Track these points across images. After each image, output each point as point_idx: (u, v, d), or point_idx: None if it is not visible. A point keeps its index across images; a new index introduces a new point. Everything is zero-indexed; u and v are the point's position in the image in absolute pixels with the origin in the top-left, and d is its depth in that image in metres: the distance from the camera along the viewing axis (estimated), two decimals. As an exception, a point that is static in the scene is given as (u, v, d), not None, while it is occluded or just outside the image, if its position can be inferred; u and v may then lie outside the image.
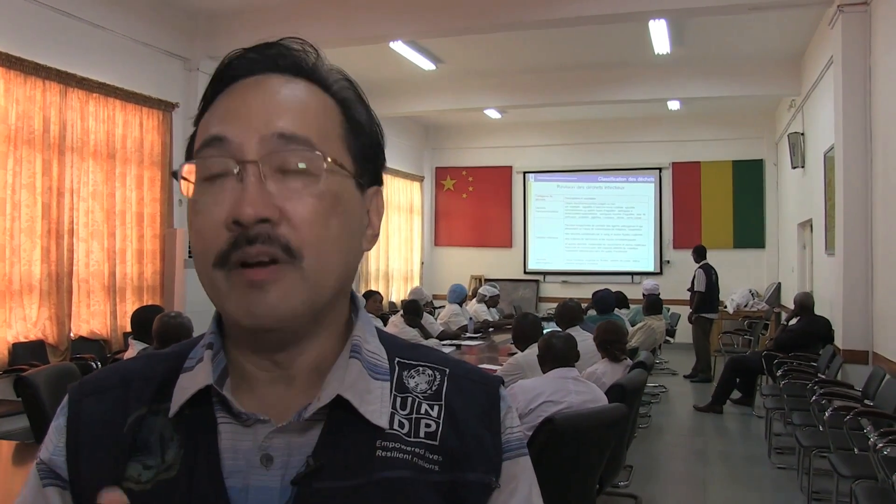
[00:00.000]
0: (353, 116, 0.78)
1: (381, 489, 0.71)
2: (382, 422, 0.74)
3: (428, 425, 0.76)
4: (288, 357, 0.75)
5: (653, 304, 8.24)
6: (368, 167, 0.78)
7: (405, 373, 0.79)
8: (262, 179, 0.69)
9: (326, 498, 0.70)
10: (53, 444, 0.77)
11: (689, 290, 9.83)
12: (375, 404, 0.74)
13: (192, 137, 0.76)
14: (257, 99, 0.72)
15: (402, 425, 0.75)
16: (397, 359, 0.80)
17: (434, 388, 0.79)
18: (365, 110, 0.79)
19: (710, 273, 9.52)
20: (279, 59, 0.76)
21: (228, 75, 0.75)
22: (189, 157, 0.76)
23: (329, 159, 0.72)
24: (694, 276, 9.63)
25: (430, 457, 0.74)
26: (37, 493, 0.76)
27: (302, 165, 0.70)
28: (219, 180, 0.70)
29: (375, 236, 0.80)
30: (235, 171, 0.69)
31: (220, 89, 0.75)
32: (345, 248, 0.74)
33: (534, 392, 3.52)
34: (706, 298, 9.46)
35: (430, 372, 0.80)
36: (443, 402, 0.78)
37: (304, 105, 0.74)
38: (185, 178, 0.72)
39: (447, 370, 0.81)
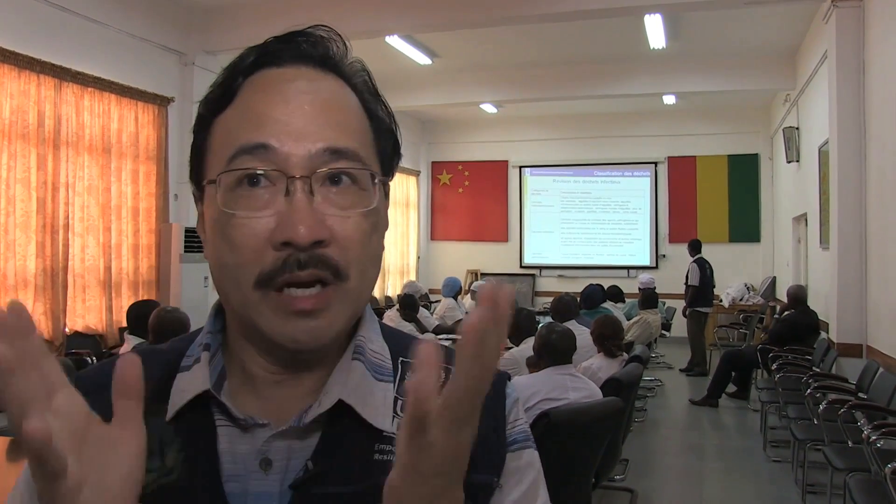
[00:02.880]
0: (374, 112, 0.76)
1: (380, 494, 0.70)
2: (385, 425, 0.72)
3: None
4: (305, 366, 0.73)
5: (648, 298, 8.26)
6: (389, 167, 0.77)
7: (409, 374, 0.78)
8: (310, 195, 0.66)
9: (325, 503, 0.68)
10: None
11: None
12: (378, 407, 0.73)
13: (199, 125, 0.74)
14: (300, 103, 0.69)
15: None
16: (401, 359, 0.78)
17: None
18: (379, 101, 0.78)
19: (703, 267, 9.56)
20: (308, 47, 0.73)
21: (256, 62, 0.73)
22: (199, 148, 0.73)
23: (377, 179, 0.70)
24: (688, 271, 9.65)
25: None
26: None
27: (350, 180, 0.69)
28: (257, 190, 0.67)
29: (384, 231, 0.79)
30: (282, 183, 0.67)
31: (248, 74, 0.72)
32: (378, 260, 0.73)
33: (531, 390, 3.50)
34: (700, 292, 9.50)
35: None
36: None
37: (345, 111, 0.72)
38: (213, 183, 0.69)
39: (452, 368, 0.79)
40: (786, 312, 7.72)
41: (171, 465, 0.71)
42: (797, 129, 9.31)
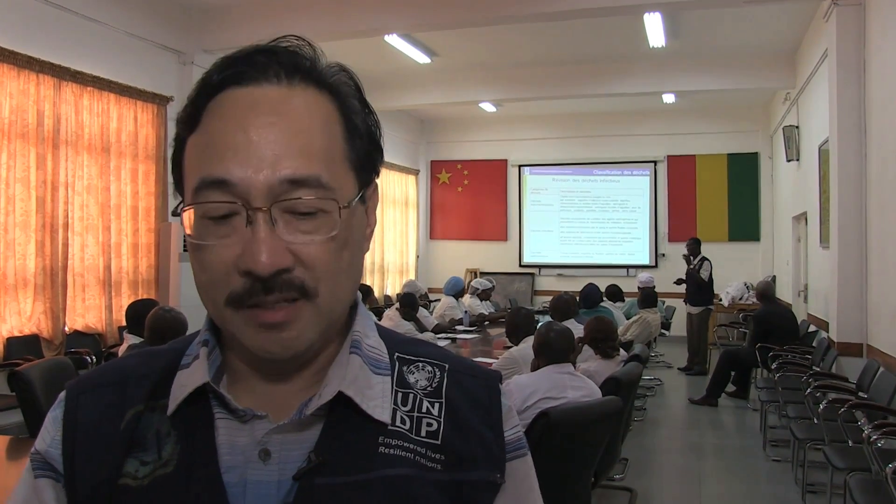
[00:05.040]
0: (350, 115, 0.75)
1: (384, 486, 0.71)
2: (385, 417, 0.74)
3: (429, 424, 0.76)
4: (292, 369, 0.75)
5: (648, 297, 8.25)
6: (368, 171, 0.76)
7: (405, 368, 0.79)
8: (272, 225, 0.67)
9: (328, 494, 0.70)
10: (51, 435, 0.76)
11: (681, 281, 9.80)
12: (377, 399, 0.74)
13: (177, 142, 0.73)
14: (259, 128, 0.68)
15: (404, 421, 0.75)
16: (397, 353, 0.80)
17: (434, 385, 0.79)
18: (361, 104, 0.77)
19: (710, 264, 9.55)
20: (272, 65, 0.71)
21: (220, 81, 0.71)
22: (177, 165, 0.73)
23: (342, 205, 0.70)
24: (699, 267, 9.53)
25: (433, 455, 0.74)
26: (30, 489, 0.76)
27: (315, 208, 0.69)
28: (224, 219, 0.68)
29: (372, 232, 0.79)
30: (244, 214, 0.67)
31: (212, 94, 0.71)
32: (354, 269, 0.74)
33: (530, 388, 3.49)
34: (709, 289, 9.50)
35: (429, 368, 0.80)
36: (443, 400, 0.78)
37: (310, 132, 0.70)
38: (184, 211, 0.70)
39: (446, 366, 0.81)
40: (756, 311, 7.83)
41: (168, 457, 0.72)
42: (797, 127, 9.31)
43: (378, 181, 0.80)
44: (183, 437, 0.73)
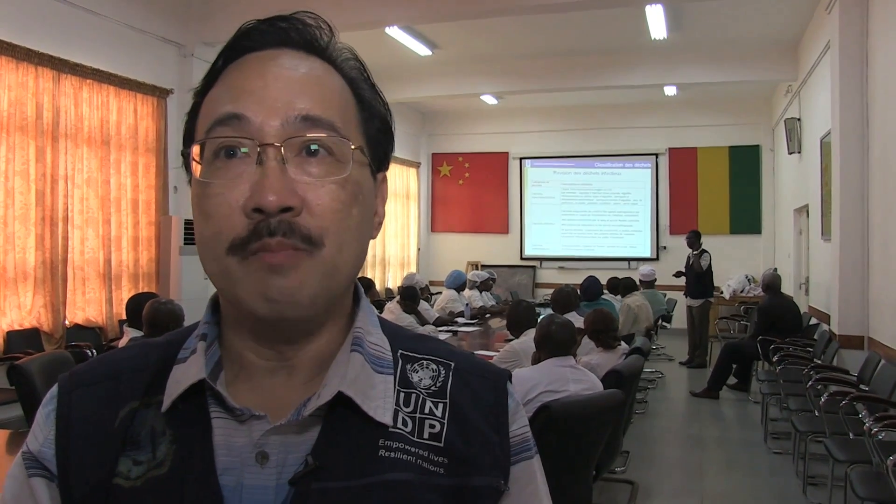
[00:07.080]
0: (364, 98, 0.76)
1: (383, 491, 0.69)
2: (386, 418, 0.71)
3: (432, 426, 0.73)
4: (294, 349, 0.72)
5: (631, 286, 8.22)
6: (379, 152, 0.76)
7: (409, 366, 0.77)
8: (283, 164, 0.66)
9: (325, 499, 0.67)
10: (43, 435, 0.73)
11: (680, 273, 9.71)
12: (378, 400, 0.72)
13: (191, 113, 0.73)
14: (277, 76, 0.69)
15: (405, 423, 0.72)
16: (401, 351, 0.78)
17: (438, 385, 0.76)
18: (373, 91, 0.77)
19: (709, 255, 9.50)
20: (293, 32, 0.73)
21: (240, 46, 0.73)
22: (189, 132, 0.73)
23: (354, 146, 0.70)
24: (700, 259, 9.46)
25: (435, 459, 0.71)
26: (22, 486, 0.73)
27: (326, 151, 0.68)
28: (233, 161, 0.67)
29: (380, 224, 0.78)
30: (255, 152, 0.66)
31: (231, 60, 0.72)
32: (362, 236, 0.72)
33: (531, 382, 3.49)
34: (710, 282, 9.46)
35: (434, 367, 0.77)
36: (447, 401, 0.75)
37: (325, 86, 0.71)
38: (193, 159, 0.69)
39: (452, 364, 0.78)
40: (761, 302, 7.82)
41: (162, 458, 0.70)
42: (799, 120, 9.29)
43: (387, 176, 0.80)
44: (178, 436, 0.70)
